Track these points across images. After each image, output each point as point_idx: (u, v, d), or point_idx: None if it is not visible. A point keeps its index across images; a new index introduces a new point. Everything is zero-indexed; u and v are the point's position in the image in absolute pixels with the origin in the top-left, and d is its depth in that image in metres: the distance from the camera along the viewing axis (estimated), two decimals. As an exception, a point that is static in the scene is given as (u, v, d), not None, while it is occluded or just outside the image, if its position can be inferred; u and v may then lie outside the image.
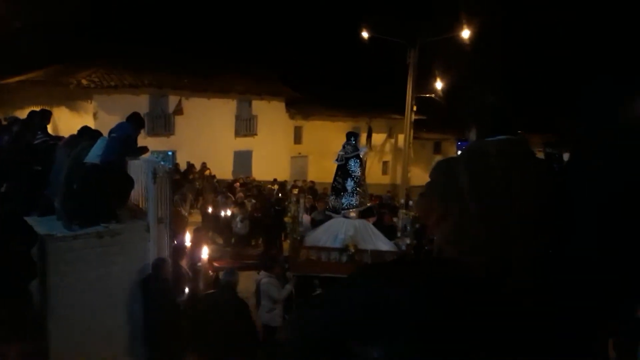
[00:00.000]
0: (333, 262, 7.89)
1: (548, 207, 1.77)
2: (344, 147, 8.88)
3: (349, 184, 8.57)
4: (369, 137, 27.00)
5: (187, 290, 6.57)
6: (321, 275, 7.45)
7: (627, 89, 1.95)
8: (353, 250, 7.76)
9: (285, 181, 20.68)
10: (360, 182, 8.68)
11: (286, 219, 8.54)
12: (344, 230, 8.17)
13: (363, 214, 8.70)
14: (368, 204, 9.20)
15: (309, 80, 26.96)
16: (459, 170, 1.87)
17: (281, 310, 6.81)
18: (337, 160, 8.86)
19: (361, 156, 8.80)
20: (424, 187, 2.09)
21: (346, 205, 8.54)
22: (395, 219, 9.74)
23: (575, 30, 25.66)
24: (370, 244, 8.02)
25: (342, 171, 8.72)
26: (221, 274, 6.58)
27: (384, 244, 8.29)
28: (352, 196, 8.56)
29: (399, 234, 8.72)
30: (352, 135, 9.09)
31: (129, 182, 6.49)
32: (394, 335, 0.39)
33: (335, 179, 8.87)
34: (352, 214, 8.51)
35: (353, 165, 8.64)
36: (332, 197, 8.96)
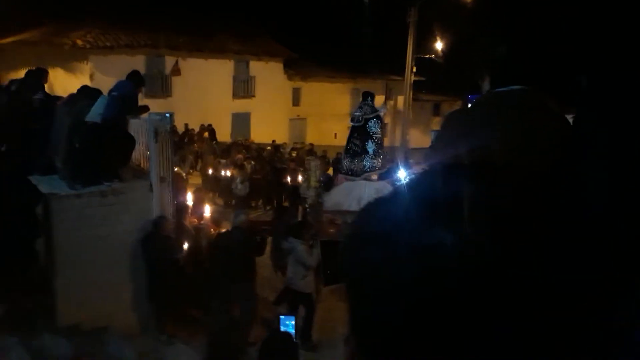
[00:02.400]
0: None
1: (561, 160, 1.77)
2: (360, 107, 8.48)
3: (370, 146, 8.21)
4: (387, 98, 26.55)
5: (185, 246, 6.65)
6: None
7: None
8: None
9: (285, 143, 20.62)
10: (381, 143, 8.37)
11: (312, 184, 8.32)
12: (366, 194, 7.90)
13: (381, 177, 8.44)
14: (387, 167, 8.95)
15: (307, 40, 26.48)
16: (471, 122, 1.86)
17: (312, 276, 6.72)
18: (353, 121, 8.48)
19: (381, 116, 8.42)
20: (434, 139, 2.09)
21: (368, 168, 8.22)
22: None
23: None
24: None
25: (360, 132, 8.33)
26: (232, 217, 6.78)
27: None
28: (375, 158, 8.23)
29: None
30: (368, 95, 8.66)
31: (130, 141, 6.48)
32: (466, 221, 0.41)
33: (351, 141, 8.47)
34: (374, 177, 8.23)
35: (373, 126, 8.26)
36: (346, 160, 8.57)
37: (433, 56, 22.96)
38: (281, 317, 4.48)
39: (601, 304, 0.48)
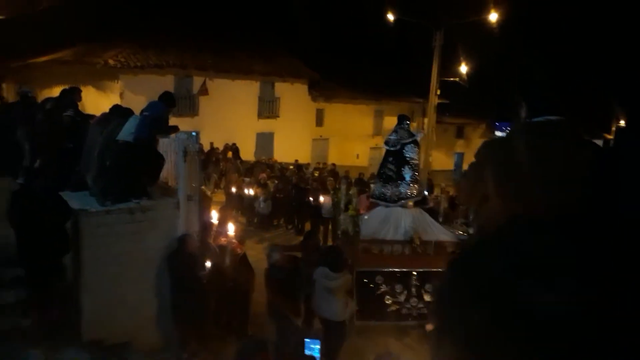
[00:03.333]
0: (396, 255, 7.43)
1: (593, 191, 1.75)
2: (396, 131, 8.18)
3: (407, 172, 7.92)
4: (421, 119, 26.43)
5: (208, 264, 6.65)
6: (385, 270, 7.06)
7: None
8: (418, 243, 7.37)
9: (308, 163, 20.73)
10: (418, 169, 8.09)
11: (350, 212, 8.12)
12: (403, 221, 7.73)
13: (416, 203, 8.17)
14: (425, 193, 8.67)
15: (331, 62, 26.77)
16: (508, 153, 1.85)
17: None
18: (388, 145, 8.19)
19: (418, 141, 8.11)
20: (467, 167, 2.09)
21: (404, 195, 7.94)
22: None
23: (612, 11, 24.76)
24: (432, 235, 7.64)
25: (396, 157, 8.01)
26: (266, 252, 6.74)
27: (444, 235, 7.91)
28: (411, 185, 7.95)
29: (440, 219, 8.48)
30: (404, 119, 8.36)
31: (160, 160, 6.60)
32: (567, 278, 0.42)
33: (385, 166, 8.17)
34: (410, 204, 7.97)
35: (410, 152, 7.97)
36: (378, 184, 8.28)
37: (458, 79, 22.92)
38: (306, 340, 4.44)
39: None
